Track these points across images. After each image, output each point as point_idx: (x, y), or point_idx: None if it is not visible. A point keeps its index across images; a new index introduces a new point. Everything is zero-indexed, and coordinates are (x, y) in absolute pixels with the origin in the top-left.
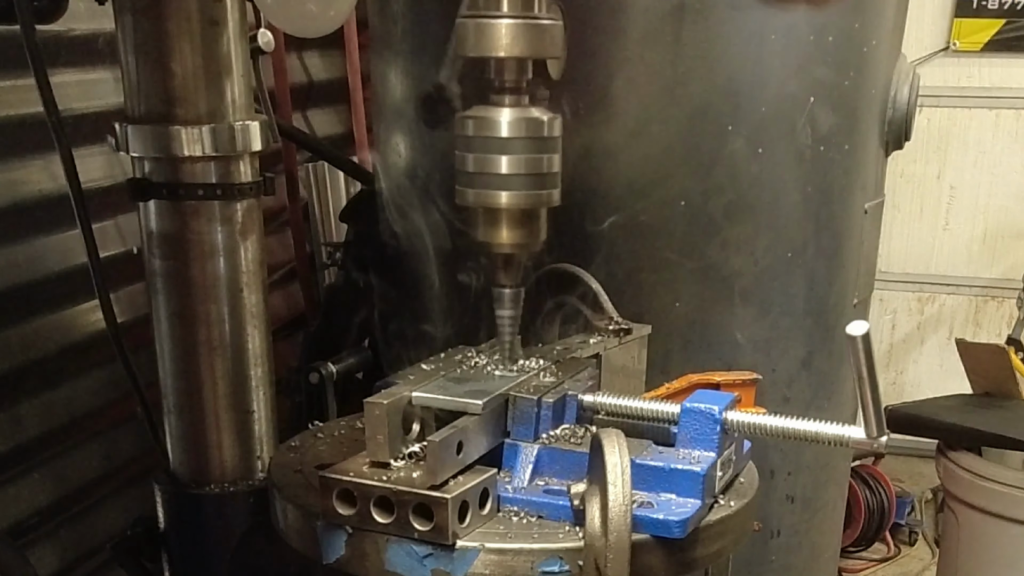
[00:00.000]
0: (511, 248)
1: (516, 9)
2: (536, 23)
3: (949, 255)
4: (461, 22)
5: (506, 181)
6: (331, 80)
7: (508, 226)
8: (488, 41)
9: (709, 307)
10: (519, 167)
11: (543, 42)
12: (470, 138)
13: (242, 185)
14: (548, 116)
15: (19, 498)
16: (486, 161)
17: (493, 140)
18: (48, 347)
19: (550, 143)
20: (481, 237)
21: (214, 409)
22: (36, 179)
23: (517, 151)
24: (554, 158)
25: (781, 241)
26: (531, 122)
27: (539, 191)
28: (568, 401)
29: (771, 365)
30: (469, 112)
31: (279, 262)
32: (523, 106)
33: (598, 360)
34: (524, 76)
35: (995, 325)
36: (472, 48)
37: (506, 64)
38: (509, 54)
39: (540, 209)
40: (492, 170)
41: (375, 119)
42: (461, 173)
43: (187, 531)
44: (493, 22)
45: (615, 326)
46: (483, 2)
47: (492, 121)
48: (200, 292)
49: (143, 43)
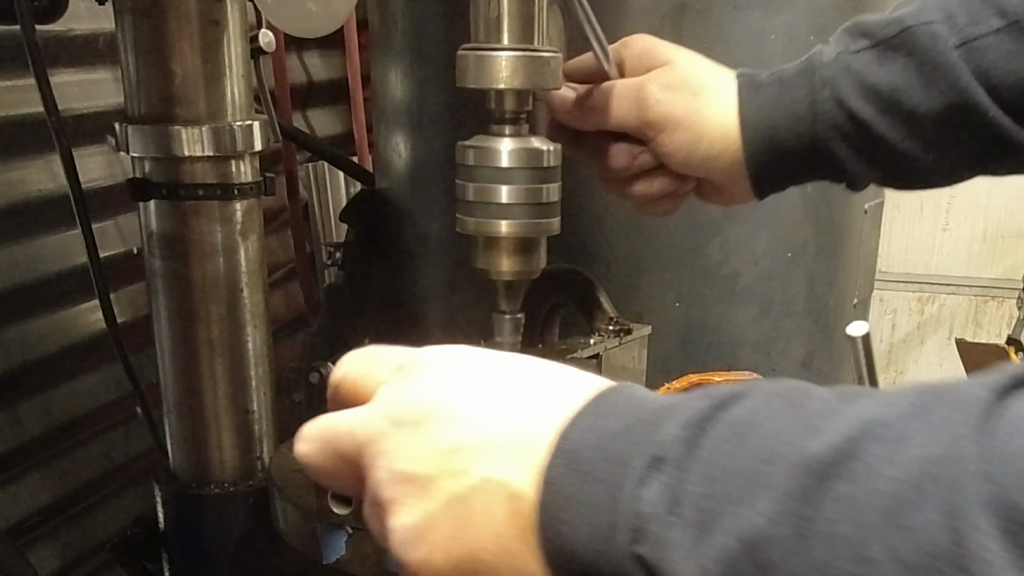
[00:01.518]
0: (511, 276)
1: (516, 42)
2: (536, 55)
3: (949, 255)
4: (461, 55)
5: (506, 210)
6: (331, 80)
7: (508, 254)
8: (487, 73)
9: (709, 307)
10: (519, 197)
11: (543, 74)
12: (470, 168)
13: (242, 185)
14: (548, 146)
15: (19, 498)
16: (486, 190)
17: (493, 170)
18: (48, 347)
19: (550, 173)
20: (481, 264)
21: (214, 409)
22: (36, 179)
23: (517, 181)
24: (553, 187)
25: (781, 241)
26: (531, 152)
27: (539, 220)
28: None
29: (771, 365)
30: (470, 142)
31: (279, 262)
32: (523, 136)
33: (598, 360)
34: (524, 107)
35: (995, 325)
36: (472, 80)
37: (506, 96)
38: (509, 86)
39: (540, 238)
40: (492, 199)
41: (375, 119)
42: (461, 202)
43: (187, 531)
44: (493, 55)
45: (615, 326)
46: (483, 35)
47: (492, 151)
48: (200, 292)
49: (143, 43)
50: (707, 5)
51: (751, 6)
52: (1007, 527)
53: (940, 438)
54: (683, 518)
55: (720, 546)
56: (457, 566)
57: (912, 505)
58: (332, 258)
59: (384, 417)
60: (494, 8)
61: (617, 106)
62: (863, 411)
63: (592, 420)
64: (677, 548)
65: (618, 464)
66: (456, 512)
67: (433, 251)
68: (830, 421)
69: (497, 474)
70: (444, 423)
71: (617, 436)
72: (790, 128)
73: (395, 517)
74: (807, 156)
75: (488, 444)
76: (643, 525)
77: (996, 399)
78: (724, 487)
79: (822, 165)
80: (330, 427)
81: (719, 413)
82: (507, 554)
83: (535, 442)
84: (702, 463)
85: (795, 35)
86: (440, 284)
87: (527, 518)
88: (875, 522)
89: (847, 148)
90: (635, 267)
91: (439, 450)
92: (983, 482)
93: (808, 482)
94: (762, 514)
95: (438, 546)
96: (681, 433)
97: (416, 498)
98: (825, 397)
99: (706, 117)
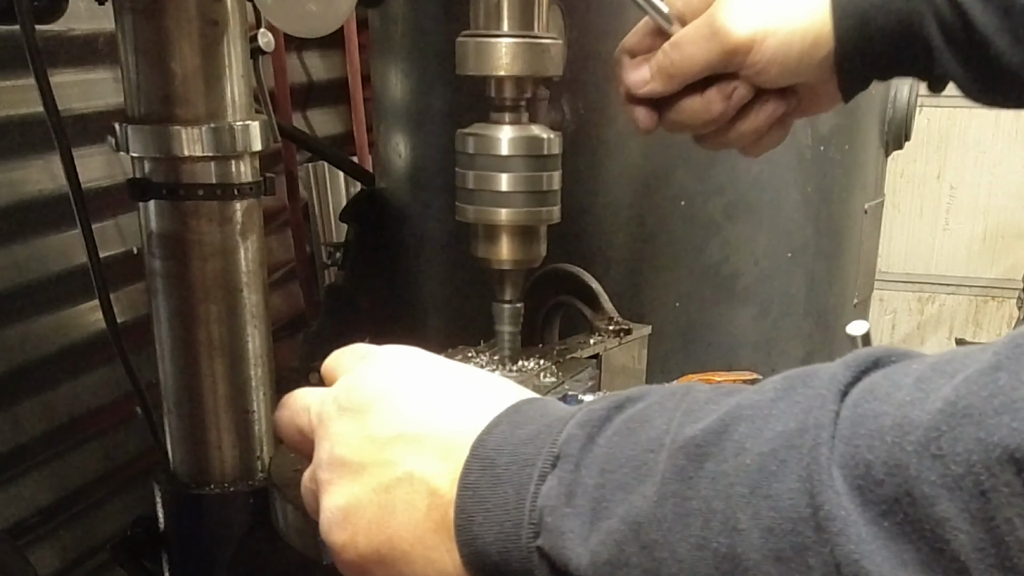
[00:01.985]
0: (511, 264)
1: (516, 28)
2: (536, 42)
3: (949, 255)
4: (461, 41)
5: (506, 198)
6: (331, 80)
7: (508, 243)
8: (488, 60)
9: (709, 307)
10: (519, 185)
11: (543, 61)
12: (471, 156)
13: (242, 185)
14: (548, 134)
15: (19, 498)
16: (486, 178)
17: (493, 158)
18: (48, 347)
19: (550, 161)
20: (481, 253)
21: (214, 409)
22: (36, 179)
23: (517, 169)
24: (554, 176)
25: (781, 241)
26: (531, 140)
27: (539, 208)
28: (568, 401)
29: (771, 365)
30: (469, 130)
31: (279, 262)
32: (523, 124)
33: (598, 360)
34: (524, 94)
35: (995, 325)
36: (472, 67)
37: (506, 83)
38: (509, 73)
39: (540, 226)
40: (492, 187)
41: (375, 119)
42: (461, 190)
43: (187, 531)
44: (493, 41)
45: (615, 326)
46: (483, 22)
47: (492, 139)
48: (200, 292)
49: (143, 43)
50: None
51: None
52: (858, 483)
53: (799, 413)
54: (577, 508)
55: (609, 530)
56: (377, 550)
57: (774, 476)
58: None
59: (334, 401)
60: None
61: (695, 50)
62: (737, 400)
63: (506, 428)
64: (571, 536)
65: (525, 467)
66: (380, 500)
67: (432, 251)
68: (708, 410)
69: (420, 469)
70: (382, 414)
71: (526, 442)
72: (884, 6)
73: (327, 497)
74: (899, 40)
75: (417, 439)
76: (541, 518)
77: (854, 377)
78: (615, 476)
79: (912, 54)
80: (297, 400)
81: (615, 414)
82: (422, 544)
83: (459, 444)
84: (597, 457)
85: None
86: (440, 284)
87: (444, 514)
88: (742, 495)
89: (940, 34)
90: (635, 267)
91: (374, 440)
92: (836, 445)
93: (685, 464)
94: (645, 497)
95: (360, 529)
96: (579, 432)
97: (348, 482)
98: (710, 393)
99: (789, 16)
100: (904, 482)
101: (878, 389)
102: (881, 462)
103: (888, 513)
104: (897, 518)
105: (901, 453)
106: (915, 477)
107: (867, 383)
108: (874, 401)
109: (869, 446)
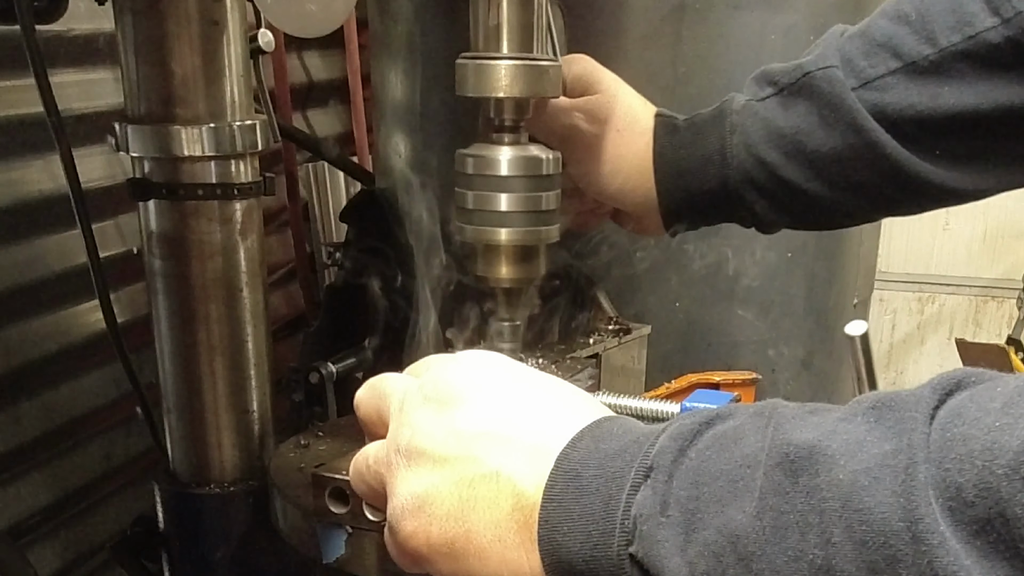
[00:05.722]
0: (510, 283)
1: (515, 51)
2: (535, 64)
3: (949, 255)
4: (461, 63)
5: (506, 218)
6: (331, 80)
7: (507, 262)
8: (487, 82)
9: (709, 307)
10: (518, 205)
11: (542, 83)
12: (470, 176)
13: (242, 185)
14: (547, 154)
15: (19, 498)
16: (485, 198)
17: (493, 178)
18: (48, 347)
19: (549, 181)
20: (481, 272)
21: (214, 409)
22: (36, 179)
23: (516, 189)
24: (552, 195)
25: (781, 241)
26: (530, 160)
27: (538, 227)
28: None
29: (771, 365)
30: (468, 150)
31: (279, 262)
32: (522, 144)
33: (598, 360)
34: (523, 115)
35: (995, 325)
36: (471, 88)
37: (505, 104)
38: (508, 94)
39: (539, 245)
40: (491, 207)
41: (375, 119)
42: (461, 210)
43: (187, 531)
44: (492, 64)
45: (615, 326)
46: (483, 44)
47: (492, 159)
48: (200, 292)
49: (143, 43)
50: (707, 5)
51: (751, 6)
52: (949, 504)
53: (892, 436)
54: (671, 518)
55: (705, 541)
56: (451, 543)
57: (866, 491)
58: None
59: (419, 390)
60: (493, 16)
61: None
62: (825, 418)
63: (590, 443)
64: (666, 545)
65: (613, 479)
66: (462, 493)
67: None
68: (797, 426)
69: (508, 468)
70: (469, 409)
71: (613, 456)
72: (701, 172)
73: (402, 484)
74: (717, 200)
75: (506, 439)
76: (635, 527)
77: (940, 400)
78: (709, 489)
79: (732, 208)
80: (384, 384)
81: (705, 428)
82: (501, 543)
83: (546, 449)
84: (689, 470)
85: (795, 35)
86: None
87: (528, 516)
88: (834, 509)
89: (756, 192)
90: (635, 267)
91: (459, 434)
92: (929, 467)
93: (781, 479)
94: (743, 511)
95: (436, 520)
96: (670, 444)
97: (427, 471)
98: (795, 410)
99: (624, 155)
100: (995, 504)
101: (966, 413)
102: (972, 484)
103: (980, 532)
104: (990, 537)
105: (991, 477)
106: (1006, 500)
107: (953, 406)
108: (963, 425)
109: (960, 469)
